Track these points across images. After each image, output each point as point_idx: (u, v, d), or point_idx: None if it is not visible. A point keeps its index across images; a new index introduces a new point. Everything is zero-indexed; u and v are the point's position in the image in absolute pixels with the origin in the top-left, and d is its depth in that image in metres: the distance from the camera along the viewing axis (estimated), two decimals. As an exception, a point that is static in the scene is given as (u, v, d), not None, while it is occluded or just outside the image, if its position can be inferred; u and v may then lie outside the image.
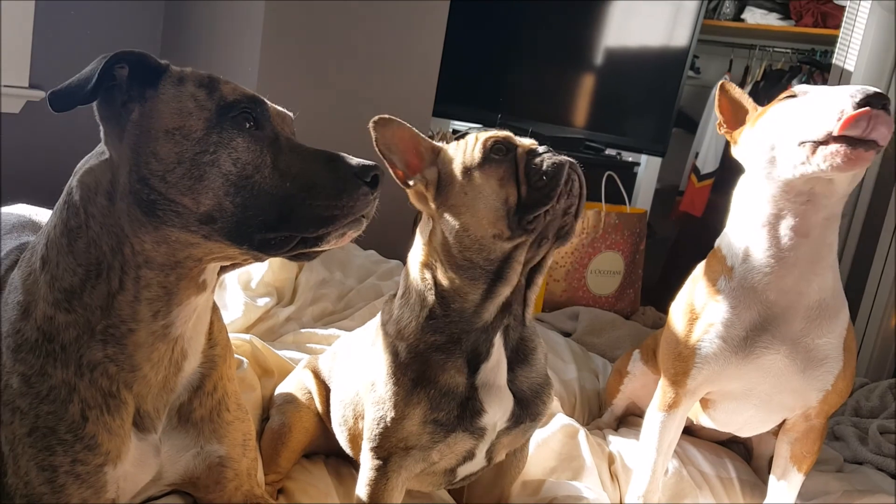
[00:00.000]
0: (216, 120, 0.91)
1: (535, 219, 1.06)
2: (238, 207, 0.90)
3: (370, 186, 0.93)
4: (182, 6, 2.58)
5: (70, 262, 0.94)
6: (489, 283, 1.10)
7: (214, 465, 1.10)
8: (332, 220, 0.92)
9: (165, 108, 0.91)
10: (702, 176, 4.38)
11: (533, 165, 1.08)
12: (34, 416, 0.94)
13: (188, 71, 0.96)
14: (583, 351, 2.17)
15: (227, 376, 1.12)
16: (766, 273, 1.30)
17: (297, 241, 0.92)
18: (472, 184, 1.09)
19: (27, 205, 1.36)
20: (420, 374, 1.11)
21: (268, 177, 0.91)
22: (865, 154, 1.14)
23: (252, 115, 0.93)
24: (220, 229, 0.91)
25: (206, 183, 0.89)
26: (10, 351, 0.96)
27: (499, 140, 1.11)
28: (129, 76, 0.92)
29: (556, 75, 3.35)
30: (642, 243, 2.99)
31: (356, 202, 0.93)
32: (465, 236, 1.09)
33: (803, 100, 1.24)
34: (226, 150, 0.90)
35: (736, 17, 4.58)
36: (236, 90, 0.94)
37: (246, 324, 1.76)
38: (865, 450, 1.85)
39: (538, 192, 1.06)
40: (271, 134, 0.95)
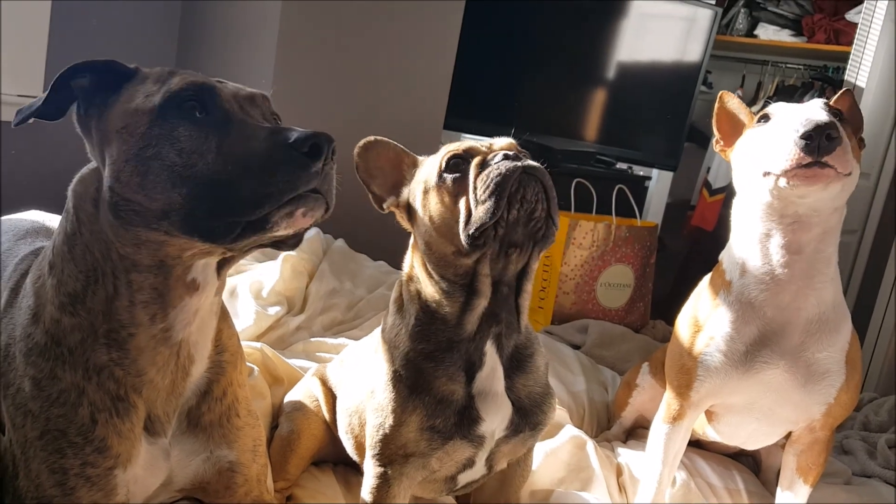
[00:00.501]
0: (159, 112, 0.89)
1: (482, 234, 1.02)
2: (185, 199, 0.87)
3: (310, 157, 0.85)
4: (197, 14, 2.61)
5: (72, 268, 0.96)
6: (465, 296, 1.09)
7: (224, 470, 1.10)
8: (268, 198, 0.85)
9: (118, 109, 0.91)
10: (713, 190, 4.37)
11: (479, 179, 1.03)
12: (45, 419, 0.95)
13: (156, 70, 0.95)
14: (592, 363, 2.17)
15: (237, 382, 1.12)
16: (762, 289, 1.30)
17: (242, 227, 0.86)
18: (428, 203, 1.09)
19: (39, 211, 1.38)
20: (415, 381, 1.11)
21: (211, 163, 0.87)
22: (822, 171, 1.16)
23: (199, 101, 0.89)
24: (174, 223, 0.88)
25: (152, 178, 0.87)
26: (22, 355, 0.97)
27: (456, 154, 1.08)
28: (94, 86, 0.93)
29: (568, 89, 3.35)
30: (653, 257, 2.99)
31: (293, 176, 0.85)
32: (430, 254, 1.10)
33: (767, 129, 1.25)
34: (167, 140, 0.87)
35: (749, 33, 4.58)
36: (184, 79, 0.91)
37: (257, 332, 1.77)
38: (874, 464, 1.85)
39: (482, 206, 1.01)
40: (221, 118, 0.90)
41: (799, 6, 4.49)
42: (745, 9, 4.59)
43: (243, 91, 0.96)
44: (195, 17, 2.61)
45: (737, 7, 4.59)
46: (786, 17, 4.50)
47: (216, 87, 0.92)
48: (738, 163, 1.34)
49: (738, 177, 1.34)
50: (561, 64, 3.30)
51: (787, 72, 4.52)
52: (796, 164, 1.15)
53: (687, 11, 3.46)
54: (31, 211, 1.37)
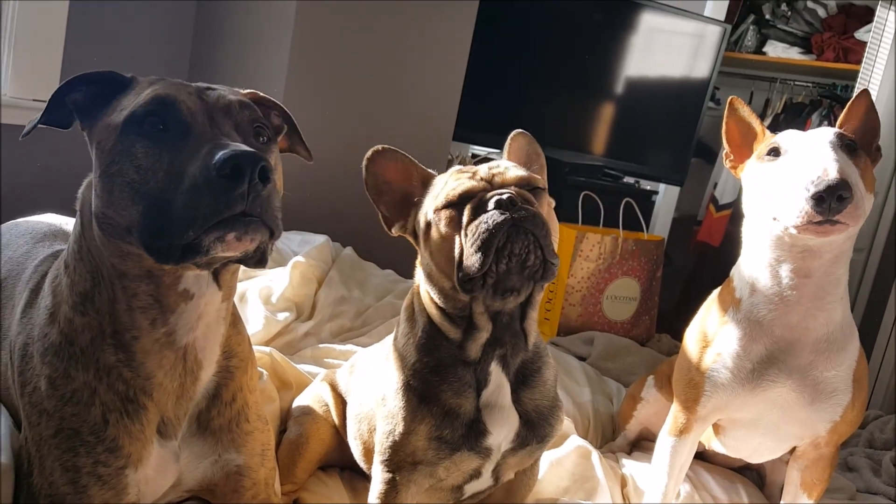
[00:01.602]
0: (122, 128, 0.88)
1: (471, 282, 1.01)
2: (142, 216, 0.86)
3: (231, 180, 0.81)
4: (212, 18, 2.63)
5: (82, 268, 0.97)
6: (466, 327, 1.09)
7: (232, 473, 1.11)
8: (193, 222, 0.81)
9: (101, 123, 0.92)
10: (720, 206, 4.38)
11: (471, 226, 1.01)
12: (59, 417, 0.96)
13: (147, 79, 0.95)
14: (597, 375, 2.17)
15: (247, 387, 1.13)
16: (770, 309, 1.30)
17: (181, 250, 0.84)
18: (429, 235, 1.08)
19: (56, 214, 1.39)
20: (423, 391, 1.12)
21: (160, 181, 0.84)
22: (834, 227, 1.16)
23: (159, 116, 0.88)
24: (137, 240, 0.87)
25: (116, 194, 0.87)
26: (39, 354, 0.99)
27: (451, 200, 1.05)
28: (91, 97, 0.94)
29: (577, 103, 3.37)
30: (659, 270, 2.99)
31: (215, 201, 0.81)
32: (431, 284, 1.10)
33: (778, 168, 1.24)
34: (128, 158, 0.87)
35: (757, 50, 4.59)
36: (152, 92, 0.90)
37: (266, 337, 1.78)
38: (878, 481, 1.84)
39: (472, 257, 0.99)
40: (180, 133, 0.88)
41: (808, 24, 4.51)
42: (755, 26, 4.60)
43: (222, 100, 0.93)
44: (210, 20, 2.63)
45: (746, 24, 4.61)
46: (795, 35, 4.51)
47: (178, 100, 0.89)
48: (747, 189, 1.33)
49: (747, 203, 1.33)
50: (570, 78, 3.31)
51: (796, 89, 4.53)
52: (807, 221, 1.15)
53: (696, 28, 3.47)
54: (48, 214, 1.39)
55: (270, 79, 2.34)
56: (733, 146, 1.41)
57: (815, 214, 1.14)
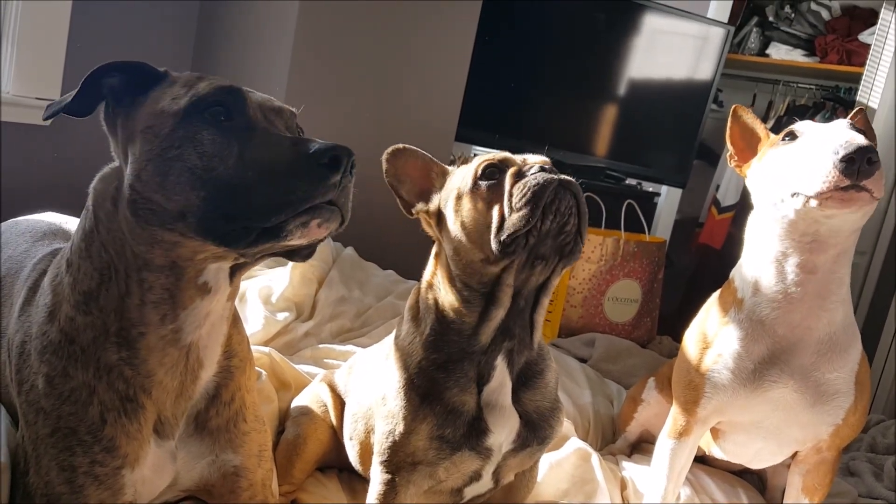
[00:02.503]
0: (184, 115, 0.90)
1: (514, 241, 1.03)
2: (203, 201, 0.87)
3: (329, 169, 0.86)
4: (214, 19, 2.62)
5: (88, 266, 0.97)
6: (483, 306, 1.10)
7: (229, 474, 1.11)
8: (285, 206, 0.86)
9: (144, 110, 0.93)
10: (722, 208, 4.37)
11: (516, 187, 1.05)
12: (56, 416, 0.96)
13: (185, 75, 0.97)
14: (598, 377, 2.17)
15: (245, 387, 1.13)
16: (774, 307, 1.30)
17: (257, 234, 0.87)
18: (461, 209, 1.10)
19: (56, 213, 1.39)
20: (427, 390, 1.12)
21: (232, 167, 0.87)
22: (858, 195, 1.14)
23: (225, 107, 0.91)
24: (190, 225, 0.89)
25: (173, 178, 0.88)
26: (37, 352, 0.99)
27: (491, 163, 1.10)
28: (123, 85, 0.95)
29: (580, 104, 3.36)
30: (660, 272, 2.99)
31: (312, 186, 0.86)
32: (457, 260, 1.10)
33: (797, 147, 1.23)
34: (191, 143, 0.88)
35: (761, 52, 4.59)
36: (211, 84, 0.93)
37: (265, 337, 1.78)
38: (881, 486, 1.84)
39: (516, 214, 1.03)
40: (245, 125, 0.92)
41: (812, 26, 4.50)
42: (758, 28, 4.60)
43: (272, 103, 0.98)
44: (212, 18, 2.63)
45: (749, 26, 4.60)
46: (798, 37, 4.51)
47: (243, 93, 0.94)
48: (757, 180, 1.33)
49: (756, 194, 1.33)
50: (573, 79, 3.31)
51: (799, 91, 4.52)
52: (834, 186, 1.13)
53: (699, 29, 3.47)
54: (48, 213, 1.39)
55: (272, 78, 2.34)
56: (738, 150, 1.42)
57: (842, 178, 1.12)
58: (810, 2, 4.49)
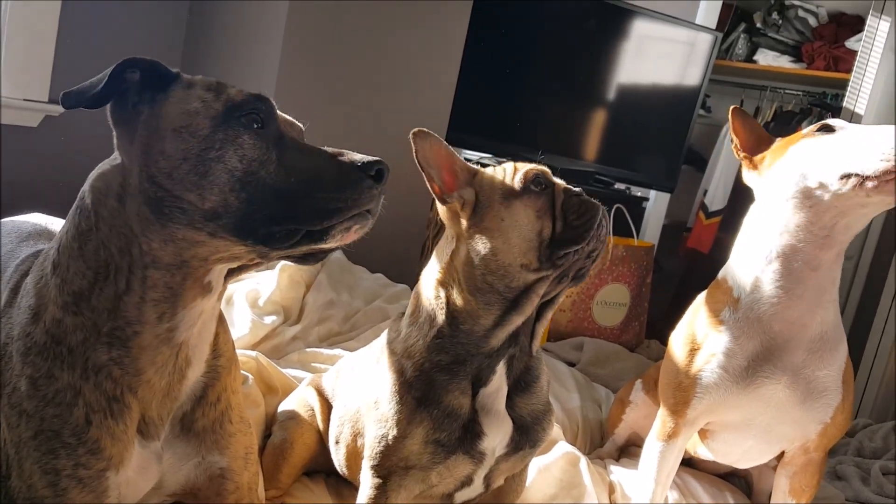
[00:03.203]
0: (223, 118, 0.92)
1: (566, 255, 1.08)
2: (243, 202, 0.91)
3: (375, 180, 0.94)
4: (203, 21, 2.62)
5: (80, 266, 0.96)
6: (503, 311, 1.11)
7: (215, 476, 1.10)
8: (336, 212, 0.92)
9: (173, 109, 0.93)
10: (710, 213, 4.39)
11: (570, 204, 1.11)
12: (39, 419, 0.95)
13: (198, 77, 0.98)
14: (586, 381, 2.17)
15: (231, 388, 1.12)
16: (773, 304, 1.31)
17: (301, 235, 0.93)
18: (510, 211, 1.11)
19: (42, 214, 1.38)
20: (424, 393, 1.11)
21: (273, 172, 0.92)
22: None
23: (259, 115, 0.95)
24: (224, 225, 0.91)
25: (212, 179, 0.90)
26: (20, 354, 0.97)
27: (539, 173, 1.14)
28: (140, 81, 0.95)
29: (569, 109, 3.37)
30: (649, 276, 3.00)
31: (360, 195, 0.93)
32: (492, 260, 1.10)
33: (843, 134, 1.26)
34: (232, 146, 0.91)
35: (748, 59, 4.61)
36: (242, 92, 0.96)
37: (252, 341, 1.77)
38: (868, 490, 1.84)
39: (573, 231, 1.09)
40: (276, 133, 0.96)
41: (799, 33, 4.53)
42: (745, 34, 4.62)
43: (286, 116, 1.02)
44: (202, 19, 2.62)
45: (737, 32, 4.63)
46: (785, 44, 4.53)
47: (273, 103, 0.98)
48: (781, 172, 1.32)
49: (771, 188, 1.34)
50: (562, 84, 3.31)
51: (786, 97, 4.55)
52: None
53: (687, 35, 3.48)
54: (34, 214, 1.37)
55: (262, 79, 2.33)
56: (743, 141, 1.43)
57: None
58: (797, 8, 4.52)
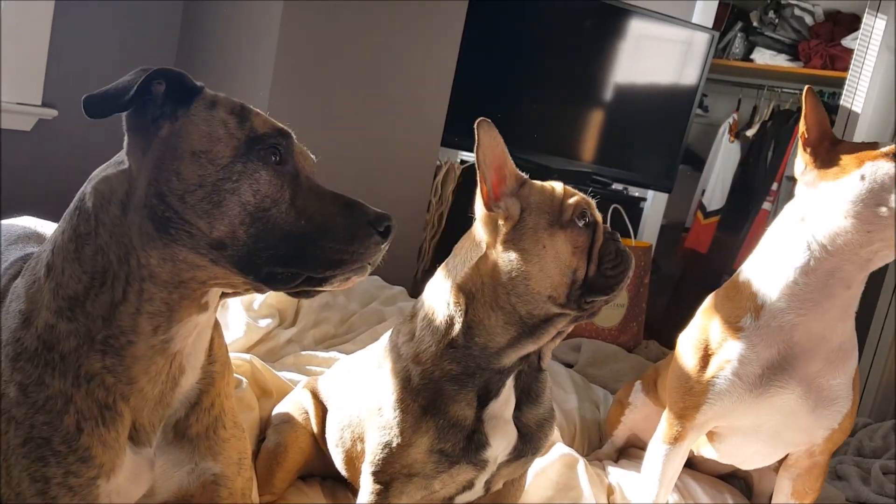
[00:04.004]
0: (244, 150, 0.92)
1: (594, 302, 1.08)
2: (251, 238, 0.90)
3: (382, 236, 0.94)
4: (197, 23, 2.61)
5: (76, 269, 0.94)
6: (519, 334, 1.09)
7: (209, 482, 1.08)
8: (341, 263, 0.93)
9: (195, 130, 0.92)
10: (708, 213, 4.39)
11: (608, 250, 1.10)
12: (29, 426, 0.93)
13: (221, 96, 0.97)
14: (584, 382, 2.16)
15: (224, 393, 1.11)
16: (800, 314, 1.29)
17: (302, 279, 0.93)
18: (553, 240, 1.08)
19: (33, 217, 1.37)
20: (430, 402, 1.09)
21: (284, 212, 0.92)
22: None
23: (279, 149, 0.94)
24: (229, 256, 0.91)
25: (224, 209, 0.89)
26: (9, 360, 0.96)
27: (586, 207, 1.12)
28: (164, 93, 0.93)
29: (566, 109, 3.36)
30: (647, 277, 2.98)
31: (366, 249, 0.93)
32: (521, 284, 1.08)
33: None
34: (248, 180, 0.91)
35: (745, 58, 4.61)
36: (267, 123, 0.96)
37: (247, 344, 1.76)
38: (868, 490, 1.84)
39: (605, 280, 1.08)
40: (293, 170, 0.96)
41: (795, 31, 4.53)
42: (742, 33, 4.62)
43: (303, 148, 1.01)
44: (195, 23, 2.61)
45: (734, 31, 4.63)
46: (782, 42, 4.53)
47: (293, 137, 0.98)
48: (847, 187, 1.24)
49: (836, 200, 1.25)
50: (559, 84, 3.31)
51: (783, 96, 4.55)
52: None
53: (684, 35, 3.47)
54: (24, 217, 1.36)
55: (256, 81, 2.32)
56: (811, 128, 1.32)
57: None
58: (794, 7, 4.52)
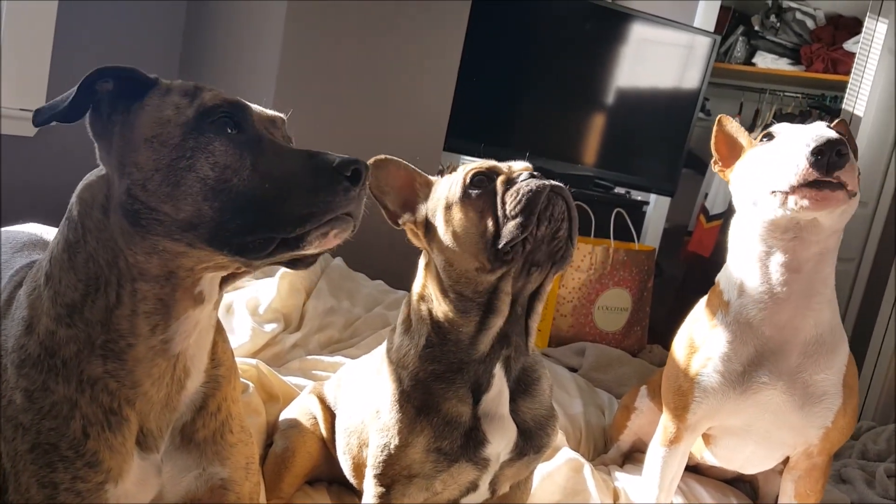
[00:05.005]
0: (194, 125, 0.90)
1: (512, 249, 1.03)
2: (216, 212, 0.88)
3: (351, 182, 0.89)
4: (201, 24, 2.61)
5: (71, 278, 0.94)
6: (481, 315, 1.09)
7: (216, 487, 1.09)
8: (309, 217, 0.88)
9: (146, 118, 0.91)
10: (710, 217, 4.38)
11: (508, 194, 1.05)
12: (36, 432, 0.93)
13: (177, 83, 0.96)
14: (589, 386, 2.16)
15: (231, 398, 1.11)
16: (760, 308, 1.30)
17: (276, 244, 0.89)
18: (452, 218, 1.09)
19: (38, 224, 1.37)
20: (423, 402, 1.10)
21: (246, 179, 0.89)
22: (833, 194, 1.16)
23: (232, 118, 0.92)
24: (200, 235, 0.89)
25: (184, 188, 0.88)
26: (14, 367, 0.96)
27: (480, 171, 1.09)
28: (115, 91, 0.93)
29: (568, 113, 3.36)
30: (650, 281, 2.99)
31: (334, 198, 0.88)
32: (451, 271, 1.09)
33: (772, 146, 1.25)
34: (203, 154, 0.89)
35: (747, 62, 4.61)
36: (217, 96, 0.93)
37: (253, 349, 1.76)
38: (872, 493, 1.83)
39: (512, 222, 1.03)
40: (253, 137, 0.93)
41: (797, 35, 4.53)
42: (744, 37, 4.63)
43: (266, 112, 0.99)
44: (199, 25, 2.62)
45: (735, 35, 4.63)
46: (784, 46, 4.54)
47: (248, 106, 0.95)
48: (739, 181, 1.34)
49: (738, 196, 1.34)
50: (561, 88, 3.31)
51: (785, 100, 4.55)
52: (804, 179, 1.15)
53: (686, 39, 3.48)
54: (30, 223, 1.36)
55: (261, 81, 2.33)
56: (722, 157, 1.43)
57: (812, 171, 1.14)
58: (795, 11, 4.53)
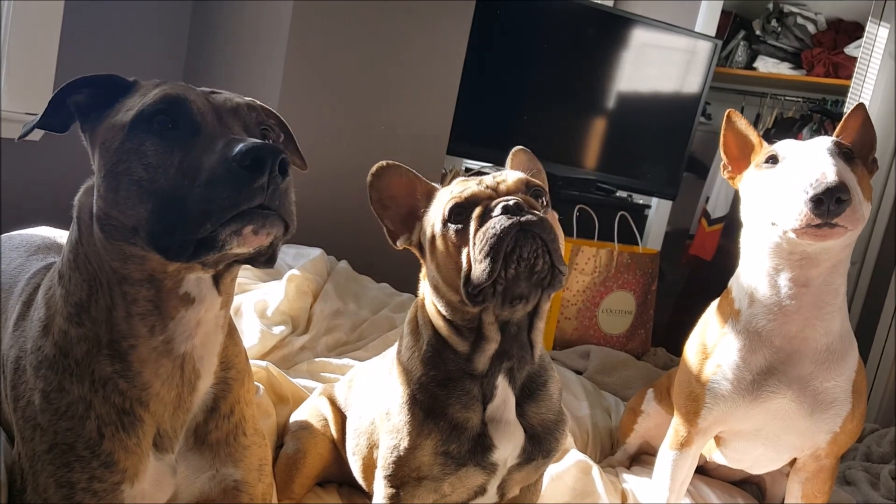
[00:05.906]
0: (130, 127, 0.88)
1: (481, 292, 0.99)
2: (150, 214, 0.85)
3: (251, 172, 0.81)
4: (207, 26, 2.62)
5: (77, 277, 0.96)
6: (474, 338, 1.08)
7: (230, 489, 1.09)
8: (209, 215, 0.81)
9: (105, 124, 0.92)
10: (712, 220, 4.39)
11: (478, 235, 1.00)
12: (53, 432, 0.94)
13: (150, 82, 0.95)
14: (595, 389, 2.16)
15: (244, 400, 1.11)
16: (770, 319, 1.30)
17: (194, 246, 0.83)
18: (436, 250, 1.07)
19: (50, 227, 1.38)
20: (430, 406, 1.10)
21: (172, 178, 0.84)
22: (832, 230, 1.15)
23: (168, 115, 0.87)
24: (143, 239, 0.86)
25: (123, 193, 0.86)
26: (32, 368, 0.97)
27: (458, 203, 1.04)
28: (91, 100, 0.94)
29: (570, 117, 3.38)
30: (654, 284, 2.99)
31: (238, 192, 0.81)
32: (439, 297, 1.09)
33: (776, 174, 1.24)
34: (136, 155, 0.86)
35: (748, 66, 4.62)
36: (161, 92, 0.90)
37: (262, 351, 1.77)
38: (877, 495, 1.84)
39: (478, 266, 0.98)
40: (189, 132, 0.87)
41: (798, 40, 4.54)
42: (745, 41, 4.64)
43: (230, 102, 0.94)
44: (204, 28, 2.62)
45: (736, 40, 4.64)
46: (785, 51, 4.55)
47: (189, 99, 0.89)
48: (745, 198, 1.33)
49: (746, 212, 1.34)
50: (563, 92, 3.32)
51: (786, 104, 4.56)
52: (805, 224, 1.15)
53: (687, 43, 3.49)
54: (42, 227, 1.37)
55: (266, 85, 2.33)
56: (731, 158, 1.42)
57: (813, 217, 1.14)
58: (796, 15, 4.54)
